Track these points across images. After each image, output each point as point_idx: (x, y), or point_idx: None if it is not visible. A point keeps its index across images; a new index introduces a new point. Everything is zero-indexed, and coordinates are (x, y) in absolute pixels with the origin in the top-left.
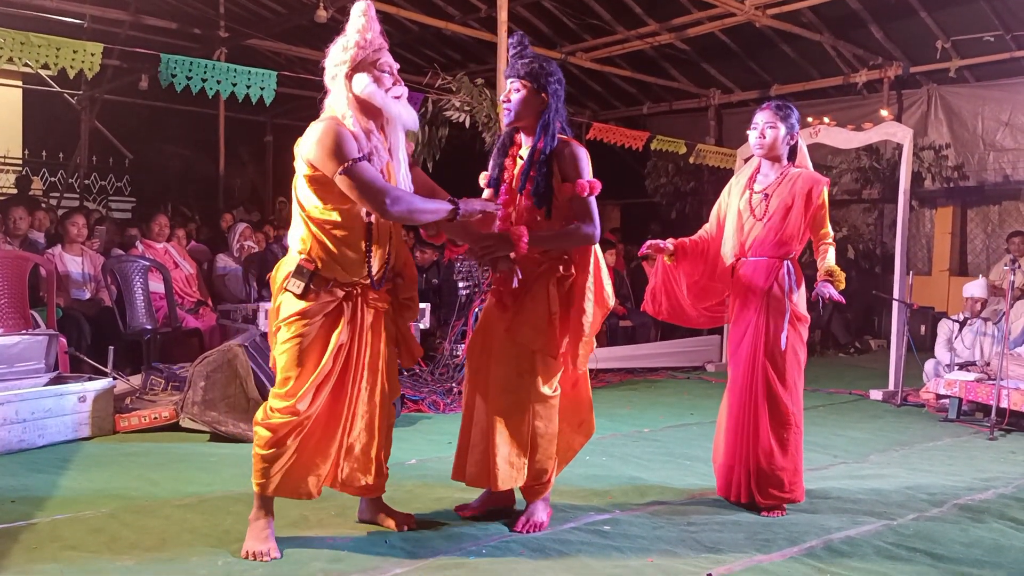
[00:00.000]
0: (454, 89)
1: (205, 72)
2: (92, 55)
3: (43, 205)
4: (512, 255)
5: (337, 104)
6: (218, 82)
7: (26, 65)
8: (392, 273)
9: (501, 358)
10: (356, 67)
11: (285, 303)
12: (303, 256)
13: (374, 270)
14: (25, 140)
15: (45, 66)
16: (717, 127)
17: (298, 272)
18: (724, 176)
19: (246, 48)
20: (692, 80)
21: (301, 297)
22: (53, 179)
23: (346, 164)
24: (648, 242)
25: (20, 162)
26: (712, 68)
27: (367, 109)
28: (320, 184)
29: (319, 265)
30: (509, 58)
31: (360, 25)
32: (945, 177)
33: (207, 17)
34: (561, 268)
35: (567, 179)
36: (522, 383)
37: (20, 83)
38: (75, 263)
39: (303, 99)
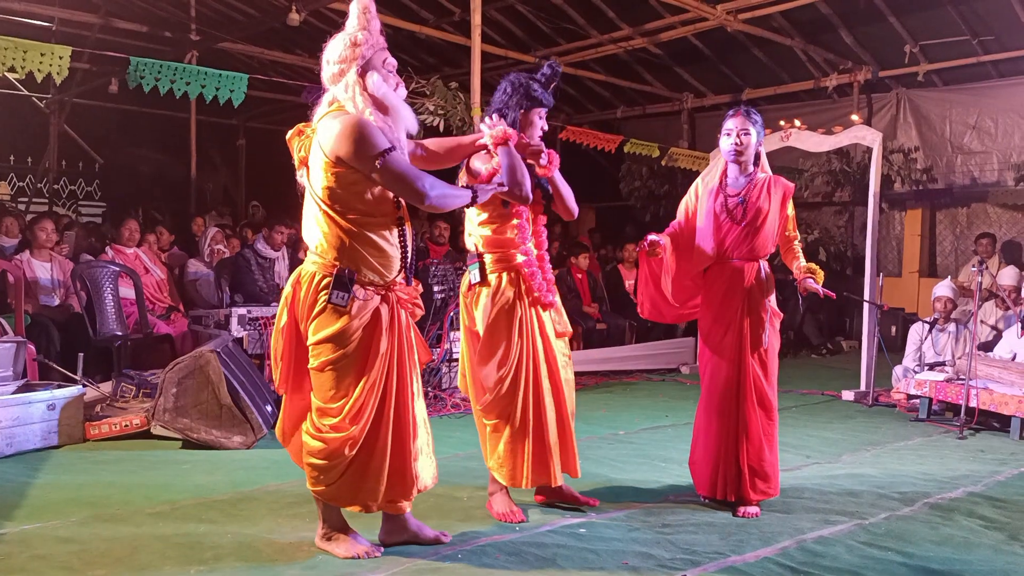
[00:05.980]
0: (428, 93)
1: (174, 74)
2: (60, 58)
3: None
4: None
5: (352, 100)
6: (187, 83)
7: None
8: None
9: (550, 355)
10: (367, 65)
11: (322, 320)
12: (335, 262)
13: (408, 261)
14: None
15: (12, 69)
16: (690, 130)
17: (339, 283)
18: None
19: (218, 51)
20: (665, 84)
21: (347, 308)
22: (21, 184)
23: (383, 156)
24: (649, 237)
25: None
26: (685, 72)
27: (379, 107)
28: (349, 179)
29: (354, 269)
30: (540, 88)
31: (364, 22)
32: (914, 180)
33: (178, 20)
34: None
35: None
36: (567, 373)
37: None
38: (44, 269)
39: (275, 102)
